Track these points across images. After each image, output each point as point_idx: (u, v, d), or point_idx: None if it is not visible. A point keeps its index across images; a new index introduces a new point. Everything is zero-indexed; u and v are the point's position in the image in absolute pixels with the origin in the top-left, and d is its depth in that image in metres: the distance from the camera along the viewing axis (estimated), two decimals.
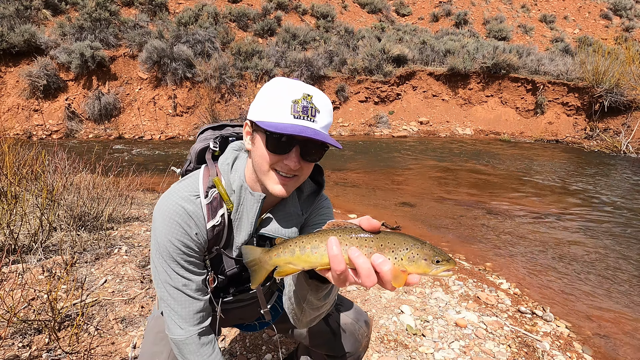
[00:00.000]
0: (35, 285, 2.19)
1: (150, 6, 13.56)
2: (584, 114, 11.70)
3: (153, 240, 1.05)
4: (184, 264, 1.05)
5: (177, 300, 1.06)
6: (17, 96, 10.11)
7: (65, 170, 3.34)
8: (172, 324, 1.08)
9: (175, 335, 1.07)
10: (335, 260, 0.67)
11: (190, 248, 1.04)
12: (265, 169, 0.97)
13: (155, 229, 1.03)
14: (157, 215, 1.03)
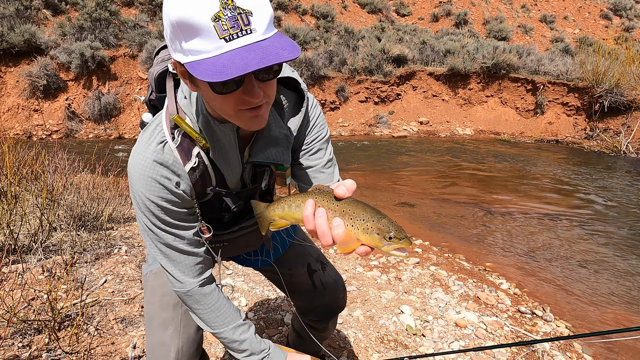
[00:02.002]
0: (35, 285, 2.19)
1: (150, 6, 13.56)
2: (584, 114, 11.70)
3: (133, 201, 0.97)
4: (170, 220, 0.97)
5: (170, 257, 1.01)
6: (17, 96, 10.11)
7: (65, 170, 3.34)
8: (170, 278, 1.04)
9: (176, 287, 1.04)
10: (305, 220, 0.76)
11: (172, 202, 0.95)
12: (230, 113, 0.82)
13: (133, 188, 0.95)
14: (132, 175, 0.94)
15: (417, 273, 3.04)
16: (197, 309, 1.05)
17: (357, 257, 3.23)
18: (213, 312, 1.05)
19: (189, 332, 1.16)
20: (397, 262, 3.22)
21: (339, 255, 3.25)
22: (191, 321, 1.16)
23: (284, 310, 2.34)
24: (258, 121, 0.84)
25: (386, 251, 0.67)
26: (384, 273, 2.99)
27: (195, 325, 1.17)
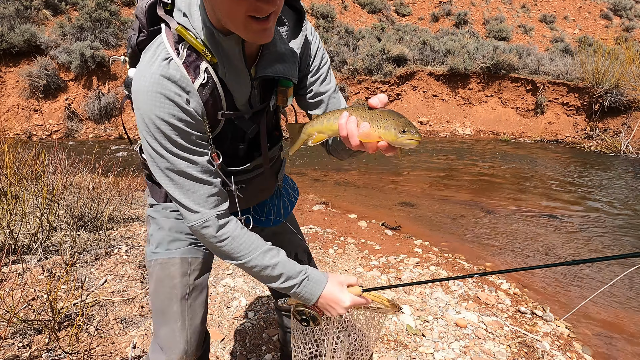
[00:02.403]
0: (35, 285, 2.19)
1: None
2: (584, 114, 11.70)
3: (140, 124, 0.89)
4: (183, 143, 0.89)
5: (183, 187, 0.92)
6: (17, 96, 10.11)
7: (65, 170, 3.34)
8: (184, 212, 0.95)
9: (191, 220, 0.95)
10: (339, 128, 0.89)
11: (184, 121, 0.88)
12: (239, 20, 0.79)
13: (140, 110, 0.87)
14: (138, 95, 0.87)
15: (417, 273, 3.04)
16: (217, 241, 0.97)
17: (357, 257, 3.23)
18: (235, 240, 0.97)
19: (195, 324, 1.15)
20: (397, 262, 3.23)
21: (339, 255, 3.25)
22: (197, 313, 1.15)
23: None
24: (266, 34, 0.83)
25: (400, 142, 0.83)
26: (384, 273, 2.99)
27: (201, 317, 1.16)
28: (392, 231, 4.14)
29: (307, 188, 6.17)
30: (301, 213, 4.51)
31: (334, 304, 1.05)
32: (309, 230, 3.80)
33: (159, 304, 1.14)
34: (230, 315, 2.26)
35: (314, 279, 1.04)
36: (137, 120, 0.90)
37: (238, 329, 2.13)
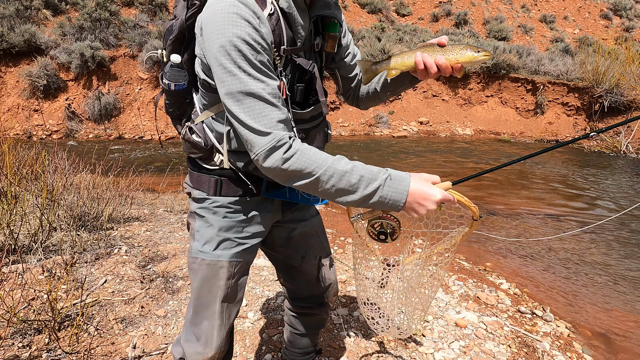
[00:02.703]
0: (35, 285, 2.19)
1: (150, 6, 13.56)
2: (584, 114, 11.70)
3: (215, 47, 0.89)
4: (257, 64, 0.91)
5: (253, 111, 0.90)
6: (17, 96, 10.11)
7: (65, 170, 3.34)
8: (252, 137, 0.92)
9: (261, 145, 0.91)
10: (417, 63, 1.07)
11: (259, 43, 0.90)
12: None
13: (216, 32, 0.89)
14: (215, 18, 0.89)
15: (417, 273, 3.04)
16: (284, 162, 0.91)
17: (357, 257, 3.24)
18: (304, 153, 0.92)
19: (230, 323, 1.21)
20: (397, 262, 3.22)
21: (339, 255, 3.25)
22: (232, 315, 1.21)
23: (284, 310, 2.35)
24: None
25: (478, 59, 1.05)
26: None
27: (234, 317, 1.22)
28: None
29: None
30: None
31: (423, 201, 0.96)
32: None
33: (203, 299, 1.17)
34: None
35: (397, 176, 0.96)
36: (211, 46, 0.91)
37: (238, 329, 2.13)
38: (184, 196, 4.89)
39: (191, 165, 1.20)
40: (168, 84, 1.10)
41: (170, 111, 1.22)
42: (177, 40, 1.08)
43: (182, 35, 1.07)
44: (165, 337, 2.01)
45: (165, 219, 3.87)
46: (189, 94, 1.16)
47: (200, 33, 0.96)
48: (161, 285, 2.49)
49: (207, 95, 1.08)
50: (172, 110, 1.21)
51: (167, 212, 4.19)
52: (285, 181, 0.95)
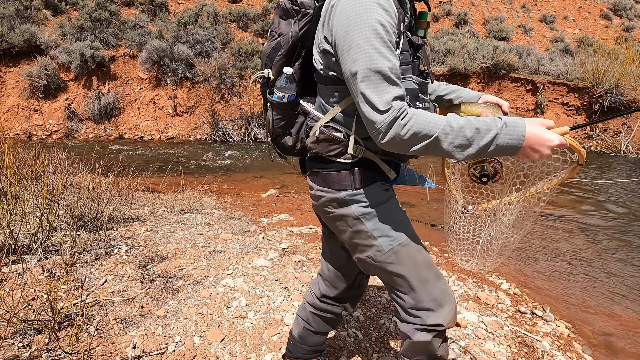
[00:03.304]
0: (35, 285, 2.19)
1: (150, 6, 13.56)
2: (584, 114, 11.70)
3: (354, 29, 0.98)
4: (388, 43, 0.99)
5: (379, 87, 0.98)
6: (17, 96, 10.11)
7: (65, 170, 3.34)
8: (372, 113, 0.99)
9: (380, 121, 0.98)
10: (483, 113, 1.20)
11: (392, 25, 1.01)
12: None
13: (355, 17, 0.98)
14: (355, 5, 0.99)
15: None
16: (402, 128, 0.97)
17: None
18: (418, 115, 0.98)
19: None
20: None
21: None
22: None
23: (283, 310, 2.34)
24: None
25: None
26: None
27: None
28: None
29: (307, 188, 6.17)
30: (301, 213, 4.52)
31: (539, 146, 0.98)
32: (309, 231, 3.80)
33: (423, 272, 1.22)
34: (230, 315, 2.26)
35: (512, 122, 0.98)
36: (349, 30, 1.00)
37: (238, 329, 2.13)
38: (184, 196, 4.89)
39: (324, 167, 1.23)
40: (282, 97, 1.21)
41: (280, 125, 1.28)
42: (289, 53, 1.19)
43: (294, 47, 1.18)
44: (165, 337, 2.01)
45: (165, 219, 3.87)
46: (296, 105, 1.26)
47: (328, 20, 1.06)
48: (161, 285, 2.49)
49: (336, 90, 1.16)
50: (282, 124, 1.28)
51: (167, 212, 4.20)
52: (405, 148, 1.00)
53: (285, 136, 1.30)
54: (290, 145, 1.31)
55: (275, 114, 1.26)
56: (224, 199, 5.17)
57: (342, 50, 1.02)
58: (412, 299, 1.22)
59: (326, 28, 1.08)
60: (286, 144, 1.31)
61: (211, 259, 2.95)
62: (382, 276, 1.28)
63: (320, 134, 1.19)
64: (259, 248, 3.22)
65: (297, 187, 6.17)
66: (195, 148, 9.37)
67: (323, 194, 1.24)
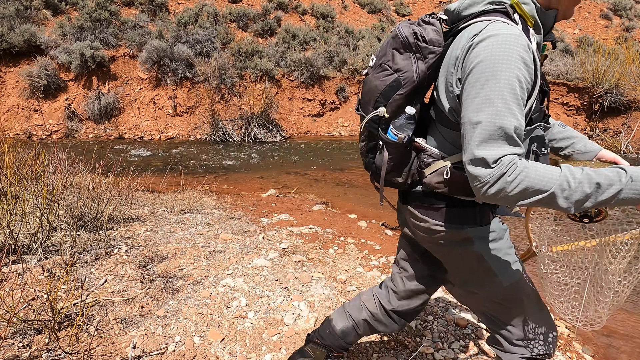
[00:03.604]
0: (35, 285, 2.19)
1: (150, 6, 13.56)
2: (584, 114, 11.70)
3: (491, 74, 0.93)
4: (519, 101, 0.94)
5: (496, 142, 0.93)
6: (17, 96, 10.11)
7: (65, 170, 3.34)
8: (479, 170, 0.94)
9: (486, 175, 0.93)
10: None
11: (527, 82, 0.96)
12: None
13: (497, 63, 0.93)
14: (497, 49, 0.94)
15: None
16: (512, 181, 0.92)
17: (357, 257, 3.24)
18: (530, 169, 0.92)
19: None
20: None
21: (339, 255, 3.25)
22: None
23: (283, 310, 2.35)
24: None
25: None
26: (384, 273, 2.99)
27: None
28: (392, 231, 4.14)
29: (307, 188, 6.17)
30: (301, 213, 4.52)
31: None
32: (309, 231, 3.81)
33: (536, 303, 1.28)
34: (230, 315, 2.26)
35: (638, 175, 0.90)
36: (484, 76, 0.95)
37: (238, 329, 2.14)
38: (184, 196, 4.89)
39: (447, 204, 1.21)
40: (404, 138, 1.15)
41: (391, 165, 1.23)
42: (411, 93, 1.13)
43: (419, 87, 1.13)
44: (165, 337, 2.01)
45: (165, 219, 3.87)
46: (410, 143, 1.20)
47: (462, 61, 1.01)
48: (161, 285, 2.49)
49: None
50: (394, 163, 1.23)
51: (167, 212, 4.20)
52: (510, 202, 0.95)
53: (394, 174, 1.26)
54: (400, 182, 1.26)
55: (389, 154, 1.21)
56: (224, 199, 5.17)
57: (468, 95, 0.97)
58: (521, 330, 1.25)
59: (459, 70, 1.03)
60: (396, 181, 1.26)
61: (211, 259, 2.95)
62: (489, 308, 1.31)
63: (451, 175, 1.14)
64: (259, 248, 3.22)
65: (297, 187, 6.18)
66: (195, 148, 9.37)
67: (441, 229, 1.22)
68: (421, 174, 1.23)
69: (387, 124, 1.19)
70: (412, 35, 1.10)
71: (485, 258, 1.22)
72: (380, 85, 1.15)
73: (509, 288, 1.23)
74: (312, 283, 2.69)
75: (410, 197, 1.31)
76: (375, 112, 1.18)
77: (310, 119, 11.73)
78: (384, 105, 1.16)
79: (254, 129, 10.28)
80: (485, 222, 1.20)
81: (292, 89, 11.84)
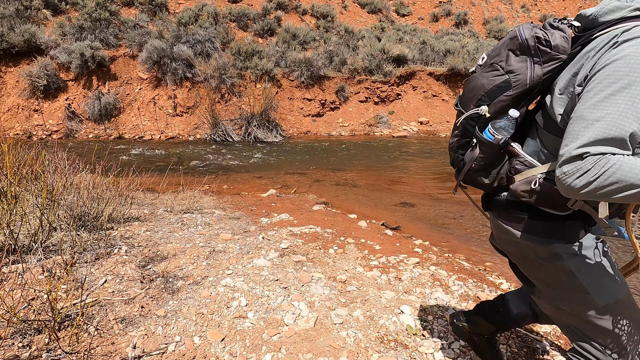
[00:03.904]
0: (35, 285, 2.19)
1: (150, 6, 13.56)
2: None
3: (622, 74, 0.88)
4: None
5: (604, 139, 0.87)
6: (17, 96, 10.11)
7: (65, 170, 3.34)
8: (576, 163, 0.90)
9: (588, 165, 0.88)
10: None
11: None
12: None
13: (637, 65, 0.87)
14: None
15: (417, 273, 3.04)
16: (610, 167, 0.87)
17: (357, 257, 3.23)
18: (630, 162, 0.87)
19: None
20: (397, 262, 3.23)
21: (339, 255, 3.25)
22: None
23: (283, 310, 2.35)
24: None
25: None
26: (384, 273, 2.99)
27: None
28: (392, 231, 4.14)
29: (307, 188, 6.17)
30: (301, 213, 4.52)
31: None
32: (309, 231, 3.81)
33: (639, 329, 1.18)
34: (230, 315, 2.26)
35: None
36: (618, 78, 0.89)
37: (238, 329, 2.14)
38: (184, 196, 4.89)
39: (530, 214, 1.17)
40: (500, 139, 1.13)
41: (481, 163, 1.21)
42: (520, 96, 1.11)
43: (531, 90, 1.10)
44: (165, 337, 2.01)
45: (165, 219, 3.87)
46: (505, 146, 1.17)
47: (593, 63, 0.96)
48: (161, 285, 2.49)
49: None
50: (483, 163, 1.21)
51: (167, 212, 4.20)
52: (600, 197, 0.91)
53: (481, 173, 1.23)
54: (486, 183, 1.24)
55: (480, 153, 1.19)
56: (224, 199, 5.17)
57: (591, 89, 0.93)
58: (618, 354, 1.18)
59: (587, 69, 0.98)
60: (481, 181, 1.25)
61: (211, 258, 2.95)
62: (577, 324, 1.23)
63: (539, 185, 1.10)
64: (259, 248, 3.22)
65: (297, 187, 6.18)
66: (195, 148, 9.37)
67: (526, 242, 1.19)
68: (510, 180, 1.20)
69: (485, 123, 1.17)
70: (532, 39, 1.07)
71: (576, 274, 1.15)
72: (487, 84, 1.14)
73: (604, 309, 1.15)
74: (312, 283, 2.69)
75: (493, 204, 1.29)
76: (476, 109, 1.17)
77: (310, 118, 11.73)
78: (487, 104, 1.14)
79: (254, 129, 10.29)
80: (574, 239, 1.13)
81: (292, 89, 11.84)
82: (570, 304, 1.20)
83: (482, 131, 1.18)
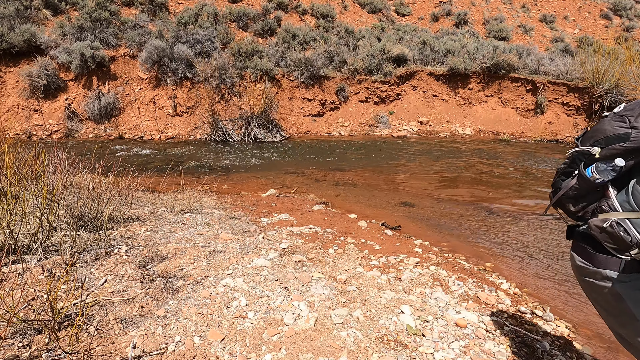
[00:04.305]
0: (35, 285, 2.19)
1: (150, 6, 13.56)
2: (584, 113, 11.69)
3: None
4: None
5: None
6: (17, 96, 10.10)
7: (65, 170, 3.34)
8: None
9: None
10: None
11: None
12: None
13: None
14: None
15: (417, 273, 3.04)
16: None
17: (357, 257, 3.23)
18: None
19: None
20: (397, 262, 3.23)
21: (339, 255, 3.25)
22: None
23: (283, 310, 2.35)
24: None
25: None
26: (384, 273, 2.99)
27: None
28: (392, 231, 4.14)
29: (307, 188, 6.17)
30: (301, 213, 4.51)
31: None
32: (309, 230, 3.80)
33: None
34: (230, 315, 2.26)
35: None
36: None
37: (238, 329, 2.13)
38: (184, 196, 4.89)
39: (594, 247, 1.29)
40: (597, 179, 1.22)
41: (573, 194, 1.33)
42: (633, 151, 1.18)
43: None
44: (165, 337, 2.01)
45: (165, 219, 3.87)
46: (602, 186, 1.26)
47: None
48: (161, 285, 2.49)
49: None
50: (576, 193, 1.33)
51: (167, 212, 4.19)
52: None
53: (570, 201, 1.36)
54: (572, 210, 1.37)
55: (577, 183, 1.30)
56: (224, 199, 5.16)
57: None
58: None
59: None
60: (568, 207, 1.38)
61: (211, 258, 2.95)
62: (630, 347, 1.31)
63: (610, 226, 1.18)
64: (259, 248, 3.22)
65: (297, 187, 6.18)
66: (195, 148, 9.36)
67: (584, 265, 1.32)
68: (594, 215, 1.30)
69: (592, 161, 1.26)
70: None
71: (624, 299, 1.23)
72: (609, 131, 1.22)
73: None
74: (312, 283, 2.69)
75: (573, 234, 1.43)
76: (589, 148, 1.28)
77: (310, 118, 11.73)
78: (602, 147, 1.24)
79: (254, 129, 10.28)
80: (629, 270, 1.22)
81: (292, 88, 11.84)
82: (624, 330, 1.28)
83: (585, 167, 1.28)
